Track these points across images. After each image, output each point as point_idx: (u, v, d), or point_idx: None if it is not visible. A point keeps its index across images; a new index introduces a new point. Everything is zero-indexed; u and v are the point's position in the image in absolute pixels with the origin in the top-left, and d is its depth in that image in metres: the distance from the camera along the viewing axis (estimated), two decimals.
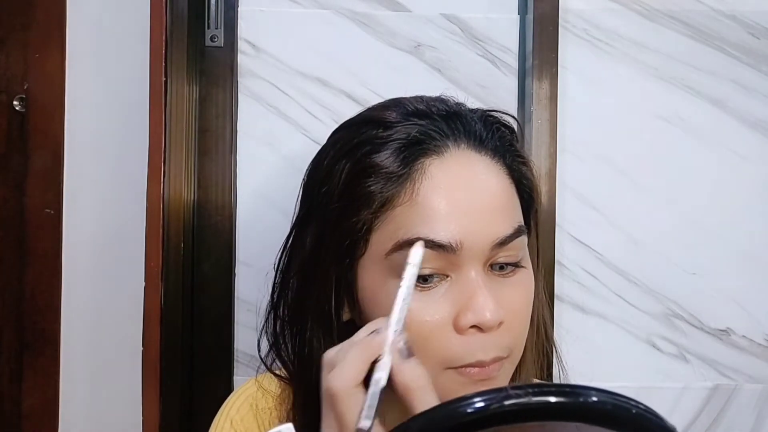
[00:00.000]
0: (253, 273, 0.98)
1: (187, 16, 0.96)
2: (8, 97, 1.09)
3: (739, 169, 1.00)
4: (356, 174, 0.58)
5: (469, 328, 0.54)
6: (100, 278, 1.08)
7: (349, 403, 0.50)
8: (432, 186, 0.56)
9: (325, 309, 0.60)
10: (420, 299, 0.55)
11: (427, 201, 0.55)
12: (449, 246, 0.54)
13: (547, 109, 0.96)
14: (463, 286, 0.55)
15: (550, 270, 0.96)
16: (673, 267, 1.00)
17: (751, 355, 1.00)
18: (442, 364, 0.55)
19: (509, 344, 0.56)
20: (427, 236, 0.54)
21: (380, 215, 0.56)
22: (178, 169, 0.96)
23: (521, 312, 0.58)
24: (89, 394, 1.08)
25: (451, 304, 0.55)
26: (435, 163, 0.57)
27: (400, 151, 0.57)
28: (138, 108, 0.98)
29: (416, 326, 0.54)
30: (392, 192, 0.56)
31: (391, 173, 0.56)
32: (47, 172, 1.08)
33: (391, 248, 0.56)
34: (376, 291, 0.57)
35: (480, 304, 0.54)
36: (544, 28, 0.96)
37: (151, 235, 0.93)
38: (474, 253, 0.55)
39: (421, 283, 0.55)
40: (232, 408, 0.66)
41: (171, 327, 0.95)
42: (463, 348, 0.55)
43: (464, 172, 0.57)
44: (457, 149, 0.58)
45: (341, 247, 0.58)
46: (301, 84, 0.98)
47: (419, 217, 0.55)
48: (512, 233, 0.56)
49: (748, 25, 1.00)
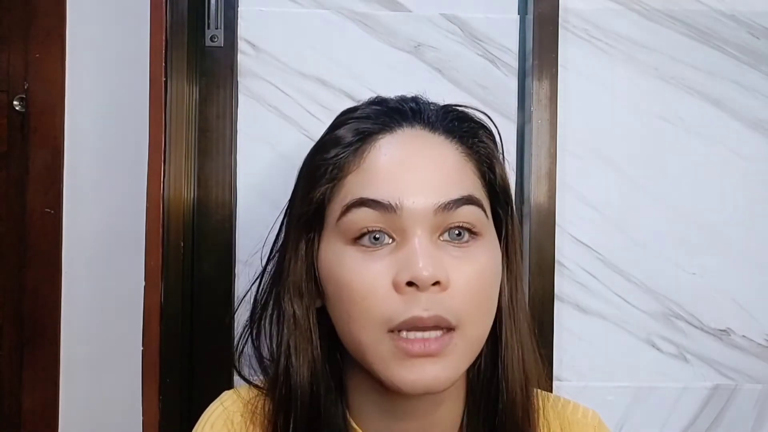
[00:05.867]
0: (253, 273, 0.98)
1: (187, 16, 0.96)
2: (8, 97, 1.10)
3: (739, 169, 1.00)
4: (318, 148, 0.63)
5: (405, 286, 0.55)
6: (100, 277, 1.08)
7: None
8: (378, 155, 0.59)
9: (298, 286, 0.62)
10: (365, 261, 0.57)
11: (372, 166, 0.59)
12: (389, 205, 0.56)
13: (547, 109, 0.96)
14: (404, 248, 0.56)
15: (550, 270, 0.96)
16: (673, 267, 1.00)
17: (751, 355, 1.00)
18: (383, 325, 0.56)
19: (456, 310, 0.56)
20: (368, 196, 0.57)
21: (334, 185, 0.60)
22: (178, 169, 0.96)
23: (471, 282, 0.57)
24: (89, 394, 1.08)
25: (392, 264, 0.56)
26: (386, 138, 0.60)
27: (356, 127, 0.61)
28: (138, 108, 0.98)
29: (357, 285, 0.56)
30: (343, 160, 0.60)
31: (345, 143, 0.60)
32: (47, 172, 1.09)
33: (340, 213, 0.58)
34: (330, 258, 0.59)
35: (415, 260, 0.55)
36: (544, 28, 0.96)
37: (151, 235, 0.93)
38: (417, 216, 0.56)
39: (368, 245, 0.57)
40: (207, 423, 0.65)
41: (171, 326, 0.95)
42: (402, 305, 0.55)
43: (413, 145, 0.60)
44: (411, 129, 0.61)
45: (304, 221, 0.61)
46: (301, 84, 0.98)
47: (364, 180, 0.58)
48: (457, 199, 0.57)
49: (748, 25, 1.00)
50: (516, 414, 0.62)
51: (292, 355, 0.62)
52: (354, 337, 0.58)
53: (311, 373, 0.61)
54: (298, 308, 0.62)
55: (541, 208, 0.96)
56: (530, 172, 0.96)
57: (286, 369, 0.62)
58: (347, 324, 0.58)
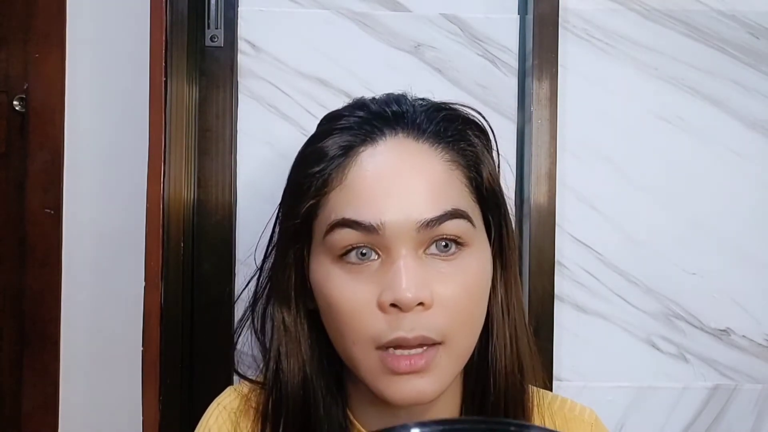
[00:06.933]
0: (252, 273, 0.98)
1: (187, 16, 0.96)
2: (8, 97, 1.09)
3: (738, 169, 1.00)
4: (302, 160, 0.63)
5: (389, 307, 0.56)
6: (100, 278, 1.08)
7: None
8: (359, 171, 0.58)
9: (289, 293, 0.63)
10: (350, 280, 0.57)
11: (354, 184, 0.58)
12: (371, 226, 0.56)
13: (547, 109, 0.96)
14: (389, 267, 0.57)
15: (550, 270, 0.96)
16: (673, 267, 1.00)
17: (751, 355, 1.00)
18: (371, 342, 0.57)
19: (441, 328, 0.56)
20: (351, 217, 0.57)
21: (319, 200, 0.60)
22: (178, 169, 0.96)
23: (458, 297, 0.57)
24: (89, 394, 1.08)
25: (377, 283, 0.57)
26: (367, 151, 0.59)
27: (339, 139, 0.60)
28: (138, 108, 0.98)
29: (344, 304, 0.57)
30: (327, 176, 0.60)
31: (330, 158, 0.60)
32: (47, 172, 1.09)
33: (325, 231, 0.59)
34: (319, 274, 0.60)
35: (400, 282, 0.55)
36: (544, 28, 0.96)
37: (151, 235, 0.93)
38: (399, 234, 0.56)
39: (353, 263, 0.57)
40: (210, 418, 0.67)
41: (171, 327, 0.95)
42: (386, 324, 0.56)
43: (394, 157, 0.59)
44: (394, 137, 0.60)
45: (292, 233, 0.62)
46: (301, 84, 0.98)
47: (346, 199, 0.58)
48: (440, 215, 0.57)
49: (748, 25, 1.00)
50: (509, 406, 0.62)
51: (282, 360, 0.63)
52: (345, 349, 0.59)
53: (303, 376, 0.63)
54: (287, 315, 0.63)
55: (541, 208, 0.96)
56: (530, 172, 0.96)
57: (275, 373, 0.63)
58: (339, 337, 0.59)
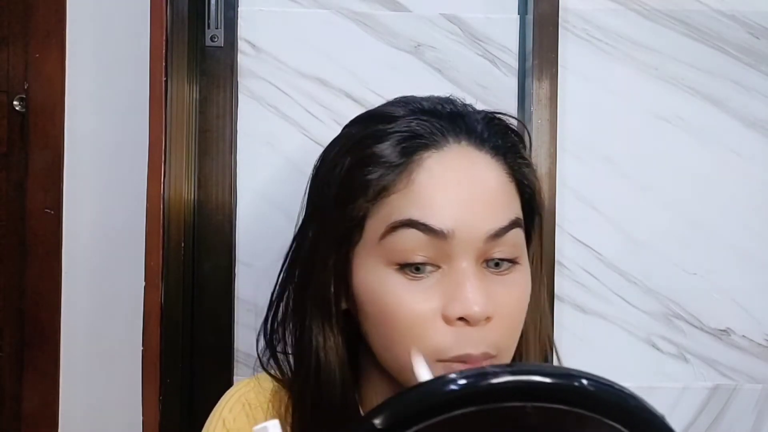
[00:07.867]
0: (253, 273, 0.98)
1: (187, 16, 0.96)
2: (8, 97, 1.09)
3: (739, 169, 1.00)
4: (356, 163, 0.59)
5: (456, 320, 0.54)
6: (100, 278, 1.08)
7: None
8: (428, 176, 0.57)
9: (325, 296, 0.61)
10: (410, 289, 0.55)
11: (423, 189, 0.56)
12: (441, 232, 0.55)
13: (547, 109, 0.96)
14: (453, 277, 0.55)
15: (550, 270, 0.96)
16: (673, 267, 1.00)
17: (751, 355, 1.00)
18: (432, 355, 0.55)
19: (497, 342, 0.56)
20: (420, 219, 0.55)
21: (376, 202, 0.57)
22: (178, 169, 0.96)
23: (513, 312, 0.57)
24: (89, 394, 1.08)
25: (441, 294, 0.55)
26: (433, 157, 0.57)
27: (399, 143, 0.58)
28: (138, 108, 0.98)
29: (403, 313, 0.55)
30: (389, 181, 0.57)
31: (389, 163, 0.57)
32: (47, 172, 1.09)
33: (384, 232, 0.56)
34: (370, 278, 0.58)
35: (468, 295, 0.54)
36: (544, 28, 0.96)
37: (151, 235, 0.93)
38: (467, 244, 0.55)
39: (413, 273, 0.55)
40: (225, 408, 0.66)
41: (171, 327, 0.95)
42: (453, 339, 0.55)
43: (461, 165, 0.58)
44: (458, 145, 0.58)
45: (339, 234, 0.59)
46: (301, 84, 0.98)
47: (414, 202, 0.56)
48: (507, 225, 0.56)
49: (748, 25, 1.00)
50: None
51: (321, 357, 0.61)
52: (395, 356, 0.57)
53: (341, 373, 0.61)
54: (325, 317, 0.61)
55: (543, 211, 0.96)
56: None
57: (316, 369, 0.61)
58: (388, 344, 0.57)
